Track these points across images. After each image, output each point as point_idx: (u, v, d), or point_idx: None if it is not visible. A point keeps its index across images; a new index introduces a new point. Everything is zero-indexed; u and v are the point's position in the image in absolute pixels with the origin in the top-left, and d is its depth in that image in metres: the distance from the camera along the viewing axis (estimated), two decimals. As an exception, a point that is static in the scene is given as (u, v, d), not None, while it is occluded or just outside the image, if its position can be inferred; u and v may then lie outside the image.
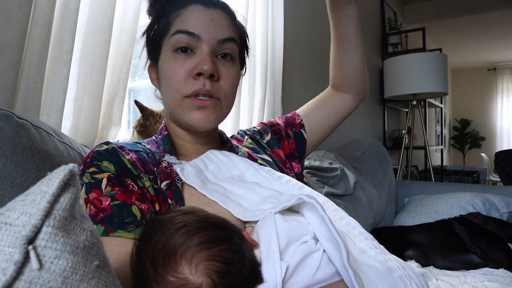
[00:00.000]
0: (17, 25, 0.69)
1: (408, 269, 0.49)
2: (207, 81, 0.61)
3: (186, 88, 0.61)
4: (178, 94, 0.62)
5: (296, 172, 0.82)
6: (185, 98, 0.62)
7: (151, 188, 0.57)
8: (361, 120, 2.77)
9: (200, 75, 0.61)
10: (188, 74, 0.61)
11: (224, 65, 0.64)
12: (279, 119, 0.87)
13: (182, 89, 0.61)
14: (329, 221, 0.45)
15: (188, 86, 0.61)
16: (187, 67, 0.61)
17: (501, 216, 1.47)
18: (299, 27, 1.91)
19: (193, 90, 0.61)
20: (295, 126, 0.86)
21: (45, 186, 0.28)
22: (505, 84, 7.12)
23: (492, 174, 5.20)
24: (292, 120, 0.86)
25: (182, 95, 0.62)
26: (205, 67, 0.60)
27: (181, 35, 0.61)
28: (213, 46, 0.62)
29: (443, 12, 4.11)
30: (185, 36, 0.61)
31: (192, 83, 0.61)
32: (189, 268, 0.40)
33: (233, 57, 0.65)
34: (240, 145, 0.78)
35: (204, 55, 0.61)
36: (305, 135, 0.85)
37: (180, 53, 0.62)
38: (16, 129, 0.55)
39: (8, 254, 0.25)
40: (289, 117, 0.87)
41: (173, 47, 0.62)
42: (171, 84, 0.62)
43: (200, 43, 0.61)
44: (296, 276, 0.44)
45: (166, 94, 0.65)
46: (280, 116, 0.88)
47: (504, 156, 2.74)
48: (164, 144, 0.67)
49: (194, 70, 0.61)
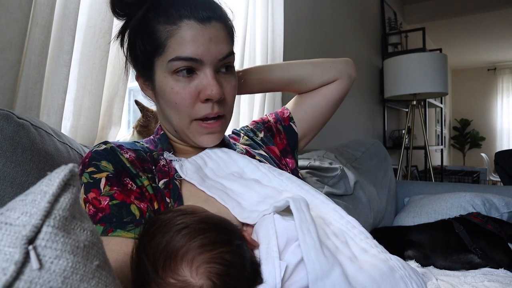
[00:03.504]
0: (17, 25, 0.69)
1: (409, 268, 0.49)
2: (215, 105, 0.61)
3: (195, 113, 0.61)
4: (186, 118, 0.62)
5: (291, 168, 0.81)
6: (193, 121, 0.62)
7: (150, 187, 0.57)
8: (361, 120, 2.77)
9: (208, 100, 0.60)
10: (195, 99, 0.60)
11: (226, 79, 0.63)
12: (270, 116, 0.86)
13: (191, 113, 0.61)
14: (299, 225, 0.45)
15: (197, 111, 0.61)
16: (192, 91, 0.59)
17: (501, 216, 1.46)
18: (299, 27, 1.91)
19: (203, 115, 0.61)
20: (284, 120, 0.85)
21: (45, 186, 0.28)
22: (505, 84, 7.12)
23: (492, 174, 5.20)
24: (281, 114, 0.86)
25: (191, 119, 0.62)
26: (213, 92, 0.59)
27: (181, 62, 0.58)
28: (215, 65, 0.60)
29: (443, 12, 4.10)
30: (186, 62, 0.58)
31: (200, 108, 0.61)
32: (190, 271, 0.40)
33: (232, 66, 0.65)
34: (238, 143, 0.78)
35: (209, 79, 0.59)
36: (295, 128, 0.84)
37: (181, 75, 0.59)
38: (16, 129, 0.55)
39: (9, 254, 0.25)
40: (278, 112, 0.87)
41: (173, 70, 0.59)
42: (177, 108, 0.61)
43: (202, 65, 0.59)
44: (295, 275, 0.44)
45: (171, 115, 0.63)
46: (270, 113, 0.88)
47: (504, 156, 2.73)
48: (162, 143, 0.67)
49: (201, 95, 0.60)
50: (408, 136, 2.89)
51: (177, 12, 0.58)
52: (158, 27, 0.58)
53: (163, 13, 0.58)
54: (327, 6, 2.25)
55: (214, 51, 0.59)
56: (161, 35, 0.58)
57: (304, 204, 0.49)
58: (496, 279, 1.02)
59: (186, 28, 0.57)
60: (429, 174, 2.75)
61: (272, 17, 1.53)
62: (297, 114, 0.85)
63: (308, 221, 0.46)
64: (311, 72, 0.82)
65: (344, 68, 0.84)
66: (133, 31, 0.62)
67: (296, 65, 0.84)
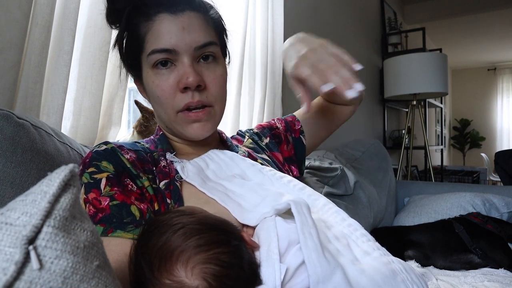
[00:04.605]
0: (17, 25, 0.69)
1: (411, 271, 0.49)
2: (195, 93, 0.61)
3: (176, 104, 0.61)
4: (170, 110, 0.62)
5: (294, 176, 0.81)
6: (178, 113, 0.62)
7: (150, 187, 0.57)
8: (361, 120, 2.77)
9: (186, 89, 0.60)
10: (175, 89, 0.60)
11: (208, 68, 0.62)
12: (278, 122, 0.86)
13: (173, 105, 0.61)
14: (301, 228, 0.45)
15: (178, 101, 0.61)
16: (171, 82, 0.60)
17: (501, 216, 1.47)
18: (299, 27, 1.91)
19: (184, 104, 0.60)
20: (295, 132, 0.85)
21: (46, 186, 0.28)
22: (505, 84, 7.12)
23: (492, 174, 5.20)
24: (292, 125, 0.86)
25: (175, 111, 0.62)
26: (189, 80, 0.59)
27: (158, 55, 0.59)
28: (192, 54, 0.60)
29: (443, 12, 4.10)
30: (162, 54, 0.59)
31: (181, 98, 0.60)
32: (185, 271, 0.39)
33: (216, 57, 0.64)
34: (241, 145, 0.78)
35: (185, 67, 0.59)
36: (305, 141, 0.85)
37: (160, 68, 0.60)
38: (16, 129, 0.55)
39: (9, 254, 0.25)
40: (289, 122, 0.86)
41: (152, 64, 0.60)
42: (161, 102, 0.62)
43: (178, 55, 0.60)
44: (296, 278, 0.44)
45: (159, 111, 0.64)
46: (278, 118, 0.88)
47: (504, 156, 2.74)
48: (162, 144, 0.67)
49: (180, 84, 0.60)
50: (408, 136, 2.89)
51: (153, 9, 0.60)
52: (139, 26, 0.61)
53: (142, 13, 0.60)
54: (327, 6, 2.25)
55: (188, 40, 0.59)
56: (141, 32, 0.61)
57: (305, 207, 0.48)
58: (496, 279, 1.02)
59: (160, 21, 0.59)
60: (429, 174, 2.75)
61: (272, 17, 1.53)
62: (308, 129, 0.87)
63: (309, 224, 0.46)
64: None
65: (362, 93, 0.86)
66: (122, 36, 0.64)
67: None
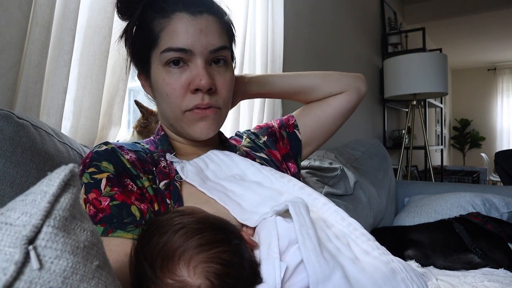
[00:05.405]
0: (17, 25, 0.69)
1: (410, 270, 0.49)
2: (205, 96, 0.61)
3: (185, 104, 0.61)
4: (178, 110, 0.62)
5: (292, 172, 0.81)
6: (185, 112, 0.62)
7: (150, 188, 0.57)
8: (361, 120, 2.77)
9: (197, 90, 0.60)
10: (186, 90, 0.60)
11: (219, 72, 0.63)
12: (274, 122, 0.87)
13: (182, 104, 0.61)
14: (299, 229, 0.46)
15: (188, 102, 0.61)
16: (183, 82, 0.60)
17: (501, 216, 1.46)
18: (299, 27, 1.91)
19: (193, 105, 0.61)
20: (289, 126, 0.85)
21: (46, 186, 0.28)
22: (505, 84, 7.12)
23: (492, 174, 5.20)
24: (286, 121, 0.86)
25: (182, 110, 0.62)
26: (202, 82, 0.59)
27: (173, 53, 0.59)
28: (206, 56, 0.61)
29: (443, 12, 4.11)
30: (177, 53, 0.59)
31: (191, 98, 0.61)
32: (187, 271, 0.40)
33: (227, 61, 0.65)
34: (239, 145, 0.78)
35: (199, 69, 0.60)
36: (299, 135, 0.85)
37: (173, 66, 0.60)
38: (16, 129, 0.55)
39: (9, 254, 0.25)
40: (284, 119, 0.87)
41: (165, 61, 0.60)
42: (169, 100, 0.62)
43: (192, 56, 0.60)
44: (295, 276, 0.44)
45: (165, 108, 0.64)
46: (276, 119, 0.89)
47: (504, 156, 2.73)
48: (162, 144, 0.67)
49: (191, 85, 0.60)
50: (408, 136, 2.89)
51: (170, 7, 0.60)
52: (153, 22, 0.61)
53: (158, 9, 0.60)
54: (327, 6, 2.25)
55: (204, 42, 0.60)
56: (155, 28, 0.60)
57: (303, 207, 0.48)
58: (496, 279, 1.02)
59: (177, 20, 0.59)
60: (429, 174, 2.75)
61: (272, 17, 1.53)
62: (302, 121, 0.85)
63: (307, 224, 0.46)
64: (318, 83, 0.83)
65: (352, 81, 0.85)
66: (133, 29, 0.64)
67: (305, 76, 0.84)
